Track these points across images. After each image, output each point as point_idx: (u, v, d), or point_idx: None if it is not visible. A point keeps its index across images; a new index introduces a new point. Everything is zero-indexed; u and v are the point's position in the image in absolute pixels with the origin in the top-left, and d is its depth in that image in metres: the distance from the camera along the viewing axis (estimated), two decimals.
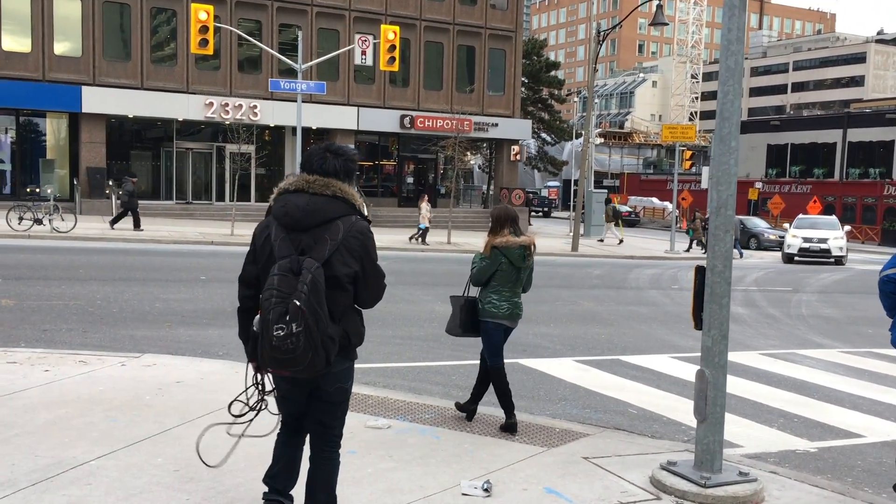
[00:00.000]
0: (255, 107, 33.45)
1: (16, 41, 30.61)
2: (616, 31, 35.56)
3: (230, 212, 27.56)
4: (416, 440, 5.95)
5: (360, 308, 3.83)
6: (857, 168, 57.63)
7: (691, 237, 33.71)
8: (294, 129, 27.57)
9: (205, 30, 23.35)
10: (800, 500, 5.20)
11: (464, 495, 4.90)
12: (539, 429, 6.43)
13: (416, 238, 27.38)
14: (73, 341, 8.97)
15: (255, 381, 3.94)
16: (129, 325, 10.09)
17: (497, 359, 6.44)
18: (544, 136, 59.08)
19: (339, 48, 32.08)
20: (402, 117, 37.12)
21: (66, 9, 31.22)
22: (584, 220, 35.66)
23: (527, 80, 52.39)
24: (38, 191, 29.12)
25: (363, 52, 27.31)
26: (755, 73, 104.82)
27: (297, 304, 3.36)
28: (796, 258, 29.80)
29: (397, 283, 15.99)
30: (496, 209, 6.45)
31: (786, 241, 30.61)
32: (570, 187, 49.19)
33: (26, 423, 5.70)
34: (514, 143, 41.16)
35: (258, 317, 3.54)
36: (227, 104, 33.00)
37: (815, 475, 5.94)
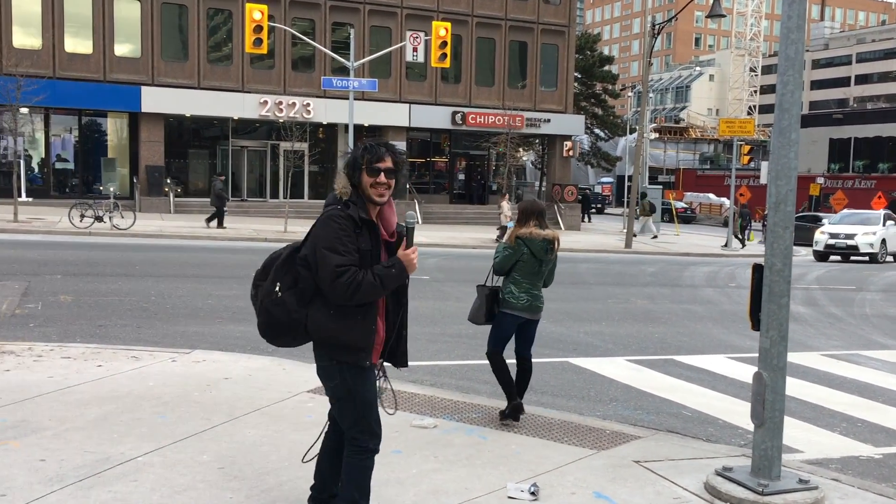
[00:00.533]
0: (308, 105, 33.74)
1: (78, 43, 31.39)
2: (671, 24, 35.00)
3: (284, 209, 27.85)
4: (462, 440, 5.85)
5: (332, 301, 3.65)
6: None
7: (733, 232, 32.98)
8: (346, 126, 27.72)
9: (259, 29, 23.62)
10: None
11: (510, 499, 4.79)
12: (589, 430, 6.28)
13: (500, 238, 27.47)
14: (127, 337, 9.11)
15: None
16: (181, 321, 10.21)
17: (497, 346, 6.49)
18: (597, 131, 58.40)
19: (391, 45, 32.14)
20: (454, 114, 37.04)
21: (126, 10, 31.93)
22: (637, 216, 35.09)
23: (580, 76, 51.85)
24: (99, 189, 29.85)
25: (415, 49, 27.33)
26: (816, 65, 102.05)
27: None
28: (828, 255, 28.26)
29: (447, 281, 15.93)
30: (524, 202, 6.62)
31: (814, 238, 28.98)
32: (624, 183, 48.53)
33: (77, 417, 5.77)
34: (567, 138, 40.74)
35: None
36: (280, 102, 33.35)
37: (879, 483, 5.67)
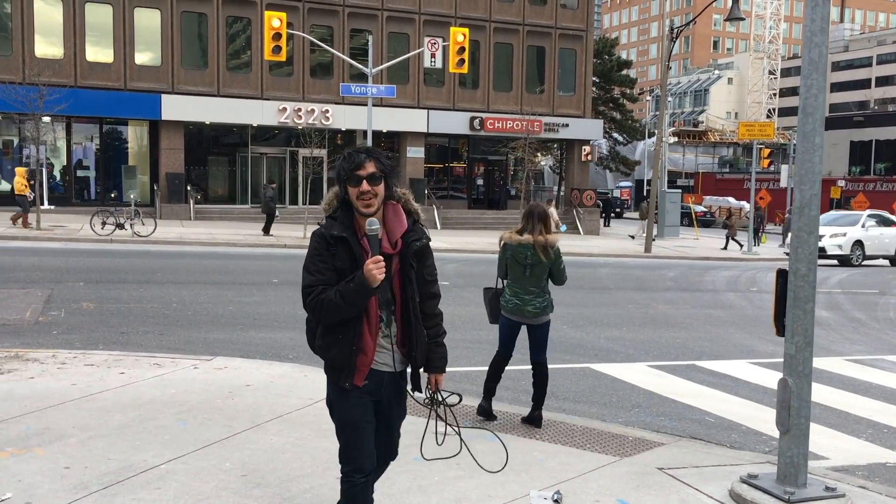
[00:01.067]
0: (326, 111, 33.87)
1: (99, 52, 31.72)
2: (690, 27, 34.80)
3: (303, 215, 27.95)
4: (484, 447, 5.80)
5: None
6: None
7: (728, 235, 32.74)
8: (365, 132, 27.80)
9: (278, 37, 23.74)
10: None
11: None
12: (611, 437, 6.23)
13: None
14: (149, 344, 9.16)
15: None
16: (203, 328, 10.26)
17: (499, 347, 6.75)
18: (616, 135, 58.21)
19: (409, 51, 32.21)
20: (472, 119, 37.05)
21: (146, 19, 32.22)
22: (657, 220, 34.92)
23: (598, 80, 51.73)
24: (121, 196, 30.11)
25: (433, 55, 27.36)
26: (836, 67, 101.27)
27: None
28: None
29: (466, 286, 15.90)
30: (527, 207, 6.78)
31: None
32: (643, 187, 48.31)
33: (100, 425, 5.80)
34: (586, 143, 40.65)
35: None
36: (299, 109, 33.51)
37: None
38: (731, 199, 62.70)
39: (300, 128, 32.75)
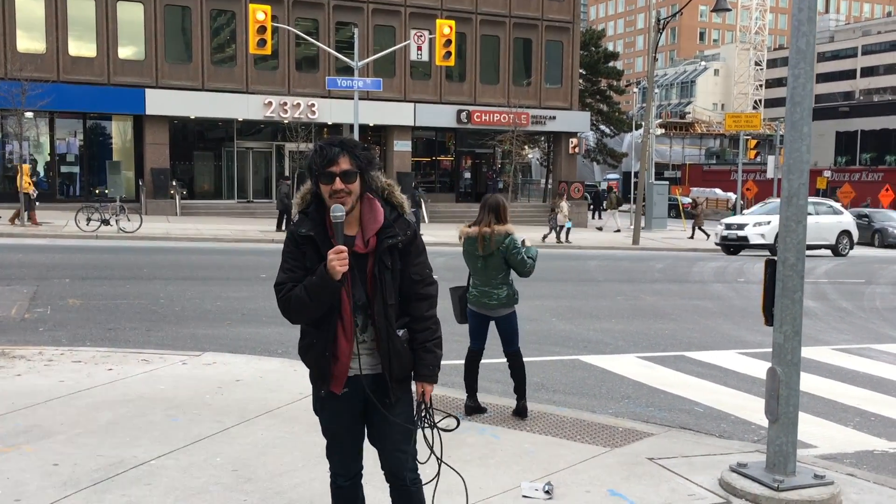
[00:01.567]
0: (312, 105, 33.73)
1: (82, 46, 31.45)
2: (676, 19, 34.88)
3: (290, 210, 27.84)
4: (475, 440, 5.83)
5: None
6: None
7: (693, 224, 32.25)
8: (351, 126, 27.71)
9: (263, 30, 23.63)
10: None
11: (524, 497, 4.77)
12: (601, 428, 6.25)
13: (559, 238, 27.77)
14: (137, 340, 9.11)
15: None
16: (191, 324, 10.21)
17: (471, 341, 6.72)
18: (603, 128, 58.31)
19: (395, 44, 32.11)
20: (459, 112, 37.00)
21: (130, 13, 31.95)
22: (645, 212, 35.02)
23: (584, 72, 51.76)
24: (105, 192, 29.91)
25: (419, 48, 27.34)
26: (822, 58, 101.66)
27: None
28: (729, 248, 26.77)
29: (455, 280, 15.85)
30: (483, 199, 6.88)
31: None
32: (631, 179, 48.45)
33: (89, 422, 5.77)
34: (573, 135, 40.67)
35: None
36: (285, 103, 33.36)
37: (895, 477, 5.63)
38: (718, 190, 62.98)
39: (286, 122, 32.61)
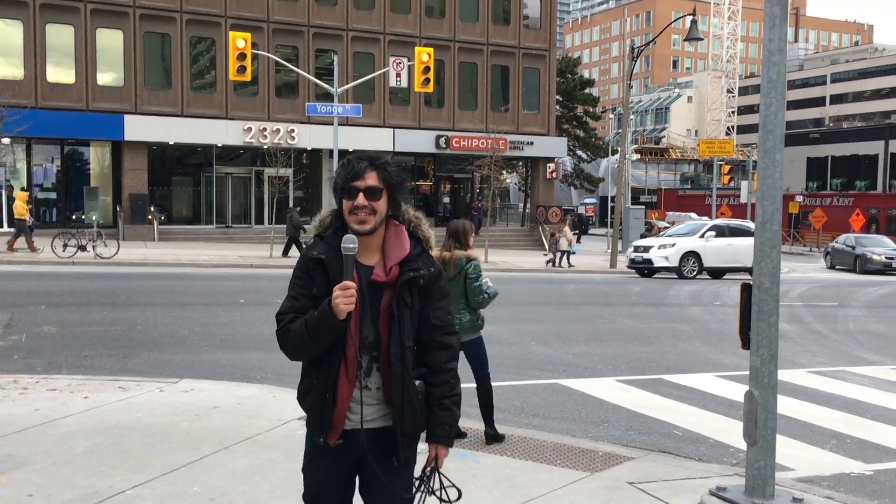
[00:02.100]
0: (292, 131, 33.78)
1: (61, 72, 31.34)
2: (650, 47, 35.44)
3: (269, 235, 27.78)
4: (455, 465, 5.81)
5: None
6: None
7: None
8: (331, 151, 27.78)
9: (243, 57, 23.70)
10: None
11: None
12: (581, 452, 6.26)
13: (561, 263, 28.03)
14: (113, 367, 9.01)
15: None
16: (168, 350, 10.12)
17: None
18: (580, 153, 58.83)
19: (375, 71, 32.31)
20: (438, 138, 37.21)
21: (109, 40, 31.92)
22: (622, 236, 35.30)
23: (561, 99, 52.31)
24: (82, 218, 29.66)
25: (398, 75, 27.49)
26: (792, 85, 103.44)
27: None
28: (643, 271, 26.25)
29: None
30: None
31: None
32: (608, 204, 48.83)
33: (65, 451, 5.69)
34: (550, 160, 41.01)
35: None
36: (265, 129, 33.38)
37: (871, 500, 5.68)
38: (693, 214, 63.51)
39: (265, 147, 32.57)
